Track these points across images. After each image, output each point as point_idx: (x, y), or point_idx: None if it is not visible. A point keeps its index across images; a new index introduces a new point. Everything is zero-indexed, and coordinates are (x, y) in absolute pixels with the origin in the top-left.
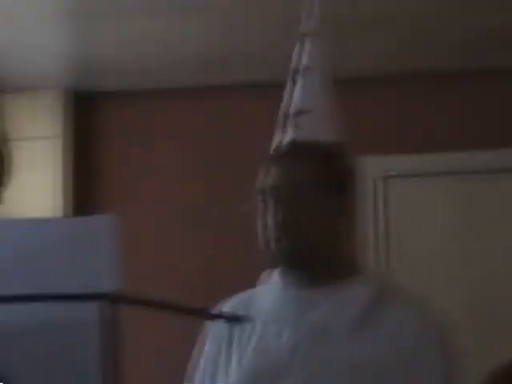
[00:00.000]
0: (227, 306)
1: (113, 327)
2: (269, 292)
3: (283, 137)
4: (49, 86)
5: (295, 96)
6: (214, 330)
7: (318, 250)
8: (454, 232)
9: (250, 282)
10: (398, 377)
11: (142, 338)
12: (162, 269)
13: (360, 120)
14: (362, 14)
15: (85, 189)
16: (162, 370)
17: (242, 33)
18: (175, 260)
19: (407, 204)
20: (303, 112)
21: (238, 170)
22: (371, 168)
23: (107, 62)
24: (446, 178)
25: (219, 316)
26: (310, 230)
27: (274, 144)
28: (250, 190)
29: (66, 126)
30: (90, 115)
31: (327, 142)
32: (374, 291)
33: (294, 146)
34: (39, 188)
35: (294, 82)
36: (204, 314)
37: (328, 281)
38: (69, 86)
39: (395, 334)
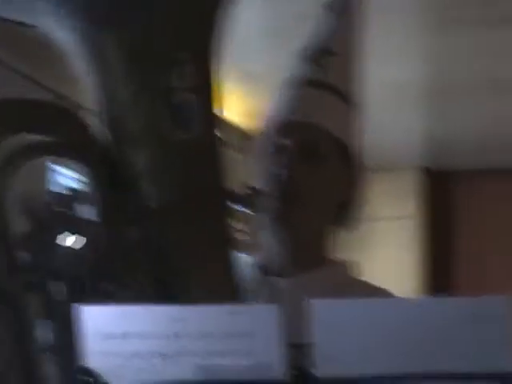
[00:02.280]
0: None
1: None
2: None
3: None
4: (405, 166)
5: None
6: None
7: None
8: None
9: None
10: None
11: None
12: None
13: None
14: None
15: (437, 268)
16: None
17: None
18: None
19: None
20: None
21: None
22: None
23: (464, 140)
24: None
25: None
26: None
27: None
28: None
29: (420, 205)
30: (444, 194)
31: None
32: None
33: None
34: (393, 266)
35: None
36: None
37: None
38: (424, 165)
39: None
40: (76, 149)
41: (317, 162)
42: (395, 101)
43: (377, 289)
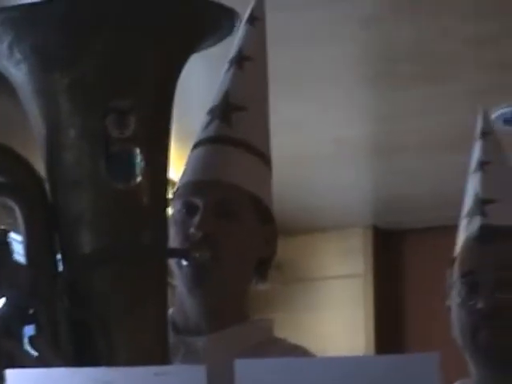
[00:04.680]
0: None
1: None
2: None
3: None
4: (352, 224)
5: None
6: None
7: None
8: None
9: None
10: None
11: None
12: None
13: None
14: None
15: (385, 328)
16: None
17: None
18: None
19: None
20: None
21: None
22: None
23: (411, 197)
24: None
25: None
26: None
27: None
28: None
29: (369, 264)
30: (391, 253)
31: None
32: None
33: None
34: (343, 325)
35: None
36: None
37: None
38: (371, 223)
39: None
40: (14, 188)
41: (231, 219)
42: (341, 158)
43: (296, 347)
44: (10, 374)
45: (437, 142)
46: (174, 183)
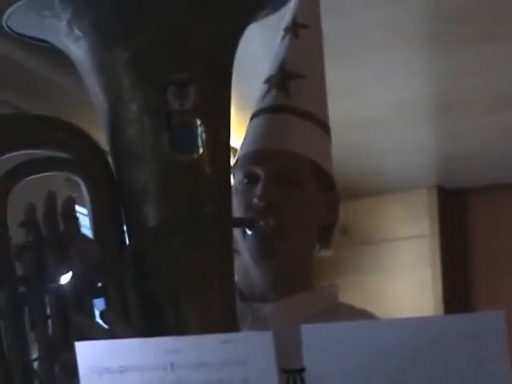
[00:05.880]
0: None
1: None
2: None
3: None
4: (417, 185)
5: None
6: None
7: None
8: None
9: None
10: None
11: None
12: None
13: None
14: None
15: (453, 287)
16: None
17: None
18: None
19: None
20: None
21: None
22: None
23: (468, 157)
24: None
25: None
26: None
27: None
28: None
29: (435, 224)
30: (455, 213)
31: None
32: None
33: None
34: (411, 286)
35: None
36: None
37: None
38: (435, 183)
39: None
40: (77, 164)
41: (293, 188)
42: (402, 120)
43: (362, 311)
44: (80, 345)
45: (497, 100)
46: (235, 151)
